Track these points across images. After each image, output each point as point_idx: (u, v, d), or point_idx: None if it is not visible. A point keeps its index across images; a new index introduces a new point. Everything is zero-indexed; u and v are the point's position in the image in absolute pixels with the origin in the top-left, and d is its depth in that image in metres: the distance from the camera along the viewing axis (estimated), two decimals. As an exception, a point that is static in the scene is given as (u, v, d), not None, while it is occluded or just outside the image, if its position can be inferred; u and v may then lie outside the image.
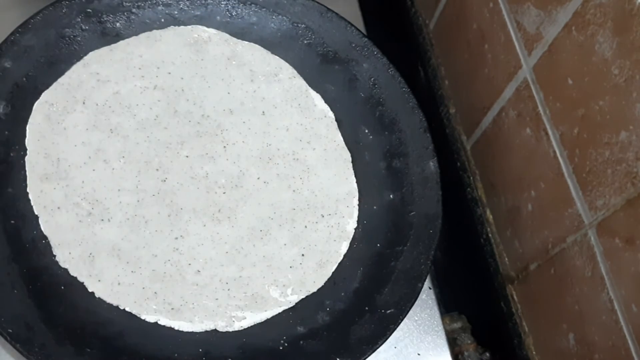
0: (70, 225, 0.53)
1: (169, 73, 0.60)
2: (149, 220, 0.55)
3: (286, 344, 0.53)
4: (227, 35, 0.62)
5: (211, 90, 0.60)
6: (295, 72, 0.62)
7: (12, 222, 0.53)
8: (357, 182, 0.60)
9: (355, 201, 0.59)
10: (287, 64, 0.62)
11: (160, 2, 0.62)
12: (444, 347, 0.61)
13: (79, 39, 0.59)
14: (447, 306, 0.65)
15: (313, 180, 0.59)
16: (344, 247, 0.57)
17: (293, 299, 0.55)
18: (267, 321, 0.54)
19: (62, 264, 0.52)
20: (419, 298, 0.55)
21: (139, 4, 0.61)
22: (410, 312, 0.54)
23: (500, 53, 0.58)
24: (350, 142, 0.61)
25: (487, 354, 0.63)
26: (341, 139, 0.61)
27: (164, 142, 0.57)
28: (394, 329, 0.53)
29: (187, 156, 0.57)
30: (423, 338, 0.60)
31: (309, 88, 0.62)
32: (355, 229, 0.58)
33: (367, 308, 0.55)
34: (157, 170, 0.56)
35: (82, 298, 0.52)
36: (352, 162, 0.61)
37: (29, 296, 0.51)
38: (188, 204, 0.56)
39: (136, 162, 0.56)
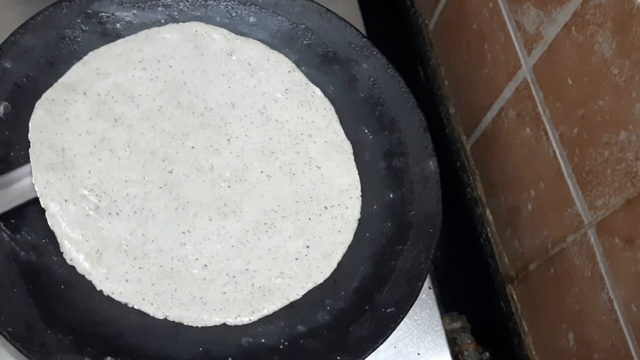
0: (77, 221, 0.53)
1: (170, 67, 0.60)
2: (156, 214, 0.55)
3: (286, 343, 0.53)
4: (225, 31, 0.62)
5: (212, 85, 0.60)
6: (294, 66, 0.62)
7: (12, 221, 0.53)
8: (357, 180, 0.60)
9: (358, 192, 0.59)
10: (286, 59, 0.62)
11: (160, 3, 0.62)
12: (443, 347, 0.61)
13: (79, 39, 0.59)
14: (446, 306, 0.65)
15: (315, 172, 0.59)
16: (348, 238, 0.57)
17: (300, 291, 0.55)
18: (271, 317, 0.54)
19: (70, 262, 0.52)
20: (418, 297, 0.55)
21: (139, 5, 0.61)
22: (410, 311, 0.54)
23: (500, 53, 0.58)
24: (350, 142, 0.61)
25: (487, 354, 0.63)
26: (342, 131, 0.61)
27: (168, 133, 0.57)
28: (394, 328, 0.53)
29: (192, 147, 0.57)
30: (423, 338, 0.60)
31: (309, 82, 0.62)
32: (358, 219, 0.58)
33: (367, 307, 0.55)
34: (163, 160, 0.56)
35: (82, 297, 0.52)
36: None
37: (29, 295, 0.51)
38: (194, 198, 0.56)
39: (142, 152, 0.56)
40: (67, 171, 0.54)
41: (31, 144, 0.54)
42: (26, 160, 0.55)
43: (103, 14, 0.60)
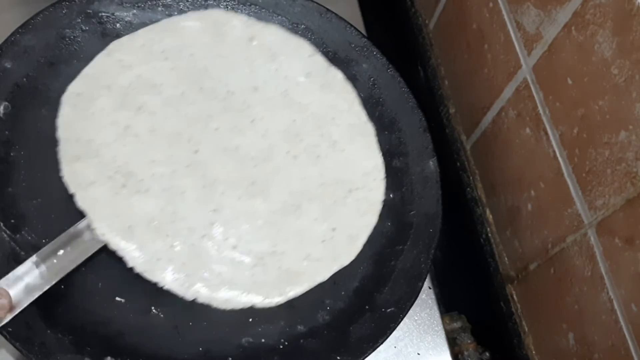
0: (106, 199, 0.53)
1: (192, 55, 0.60)
2: (184, 191, 0.55)
3: (286, 343, 0.53)
4: (245, 17, 0.62)
5: (234, 70, 0.60)
6: (315, 49, 0.62)
7: (12, 221, 0.53)
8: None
9: (382, 174, 0.59)
10: (306, 43, 0.62)
11: (160, 3, 0.62)
12: (443, 347, 0.61)
13: (79, 39, 0.59)
14: (447, 306, 0.66)
15: (339, 155, 0.59)
16: (373, 220, 0.57)
17: (326, 273, 0.55)
18: (271, 317, 0.54)
19: (102, 237, 0.52)
20: (418, 297, 0.55)
21: (139, 4, 0.61)
22: (410, 311, 0.54)
23: (500, 53, 0.58)
24: (350, 142, 0.61)
25: (487, 354, 0.63)
26: (364, 113, 0.61)
27: (192, 116, 0.57)
28: (394, 328, 0.53)
29: (216, 129, 0.57)
30: (423, 338, 0.61)
31: (330, 65, 0.62)
32: (383, 201, 0.58)
33: (367, 307, 0.55)
34: (189, 142, 0.56)
35: (82, 297, 0.52)
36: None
37: (29, 295, 0.51)
38: (221, 176, 0.56)
39: (166, 135, 0.56)
40: (92, 159, 0.54)
41: (60, 142, 0.55)
42: (26, 160, 0.55)
43: (103, 13, 0.60)
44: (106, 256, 0.53)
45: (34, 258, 0.50)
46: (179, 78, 0.59)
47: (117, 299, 0.53)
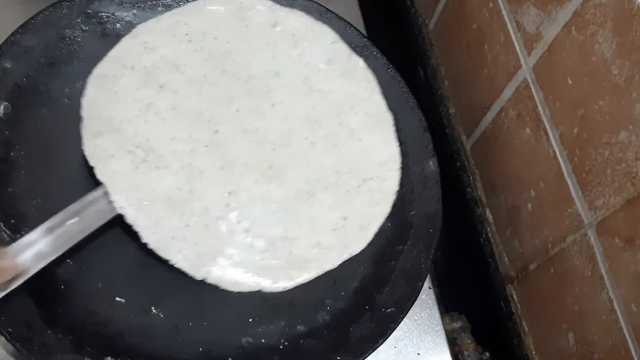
0: (126, 172, 0.53)
1: (215, 38, 0.60)
2: (203, 170, 0.55)
3: (286, 343, 0.53)
4: (270, 2, 0.62)
5: (257, 54, 0.61)
6: (337, 36, 0.62)
7: (12, 221, 0.53)
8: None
9: (397, 164, 0.59)
10: (329, 29, 0.62)
11: (160, 3, 0.62)
12: (443, 347, 0.61)
13: (79, 39, 0.59)
14: (447, 306, 0.66)
15: (356, 144, 0.59)
16: (386, 210, 0.57)
17: (335, 261, 0.55)
18: (271, 317, 0.54)
19: (120, 210, 0.52)
20: (418, 298, 0.55)
21: (139, 4, 0.61)
22: (410, 311, 0.54)
23: (500, 53, 0.58)
24: (350, 142, 0.61)
25: (487, 354, 0.63)
26: (383, 102, 0.61)
27: (214, 97, 0.58)
28: (394, 328, 0.53)
29: (237, 110, 0.58)
30: (423, 338, 0.61)
31: (352, 53, 0.62)
32: (397, 192, 0.58)
33: (367, 307, 0.55)
34: (209, 122, 0.57)
35: (82, 297, 0.52)
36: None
37: (29, 295, 0.51)
38: (240, 158, 0.56)
39: (188, 114, 0.57)
40: (113, 134, 0.55)
41: (83, 120, 0.55)
42: (26, 160, 0.55)
43: (103, 14, 0.60)
44: (106, 255, 0.53)
45: (44, 225, 0.50)
46: (202, 60, 0.59)
47: (117, 299, 0.53)
